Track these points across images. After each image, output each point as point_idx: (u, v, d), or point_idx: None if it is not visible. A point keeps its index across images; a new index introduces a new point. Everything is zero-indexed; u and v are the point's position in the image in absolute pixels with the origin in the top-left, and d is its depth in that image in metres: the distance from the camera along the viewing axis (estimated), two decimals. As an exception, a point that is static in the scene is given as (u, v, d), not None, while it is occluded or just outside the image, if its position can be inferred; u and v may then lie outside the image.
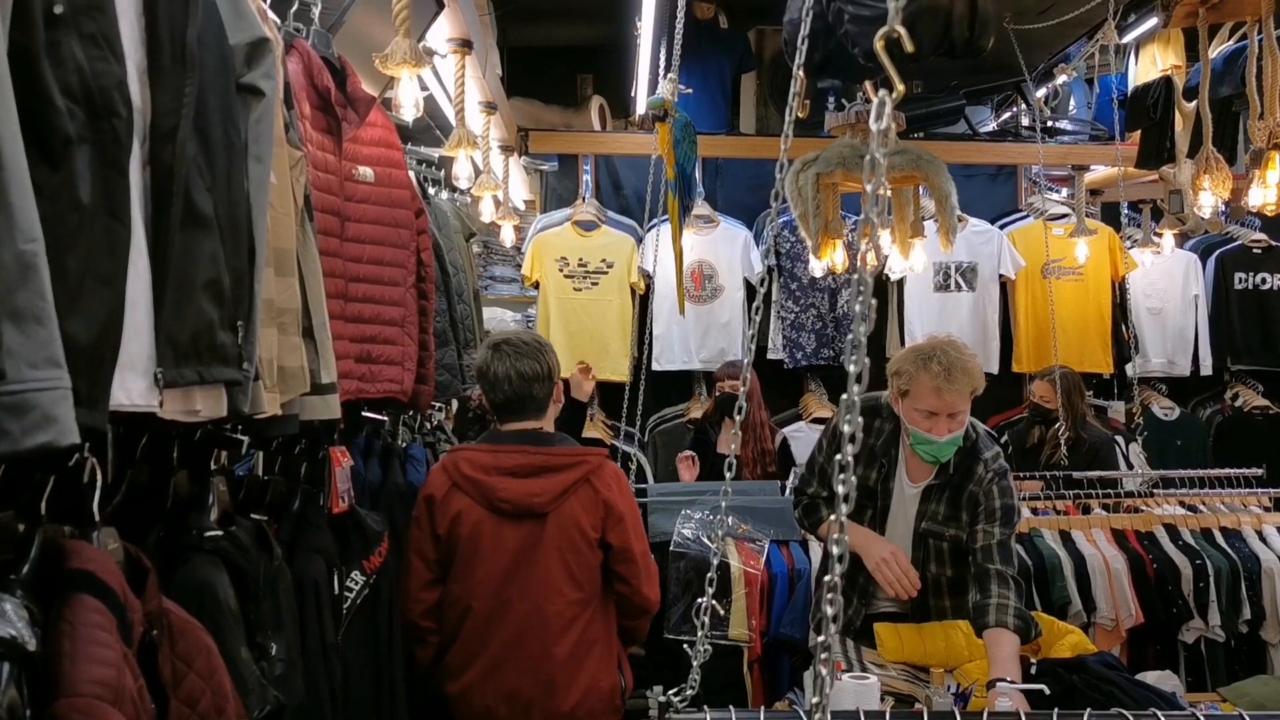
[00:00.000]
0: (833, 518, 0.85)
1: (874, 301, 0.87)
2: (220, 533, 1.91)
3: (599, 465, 2.95)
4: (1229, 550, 4.18)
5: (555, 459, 2.91)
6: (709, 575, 1.48)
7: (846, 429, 0.84)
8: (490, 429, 3.08)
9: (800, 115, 1.43)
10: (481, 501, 2.87)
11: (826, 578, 0.85)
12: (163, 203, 1.47)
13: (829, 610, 0.83)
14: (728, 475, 1.50)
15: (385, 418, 3.34)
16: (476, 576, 2.88)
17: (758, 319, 1.44)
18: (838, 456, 0.87)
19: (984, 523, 2.93)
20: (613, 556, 2.92)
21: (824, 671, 0.82)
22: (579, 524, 2.88)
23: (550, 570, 2.86)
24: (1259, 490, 4.51)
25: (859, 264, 0.84)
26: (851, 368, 0.83)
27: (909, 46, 0.86)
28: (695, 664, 1.44)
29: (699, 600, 1.50)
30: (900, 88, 0.86)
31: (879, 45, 0.88)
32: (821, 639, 0.83)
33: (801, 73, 1.39)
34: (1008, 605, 2.77)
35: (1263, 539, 4.25)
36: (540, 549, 2.87)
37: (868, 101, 3.85)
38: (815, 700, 0.82)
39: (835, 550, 0.85)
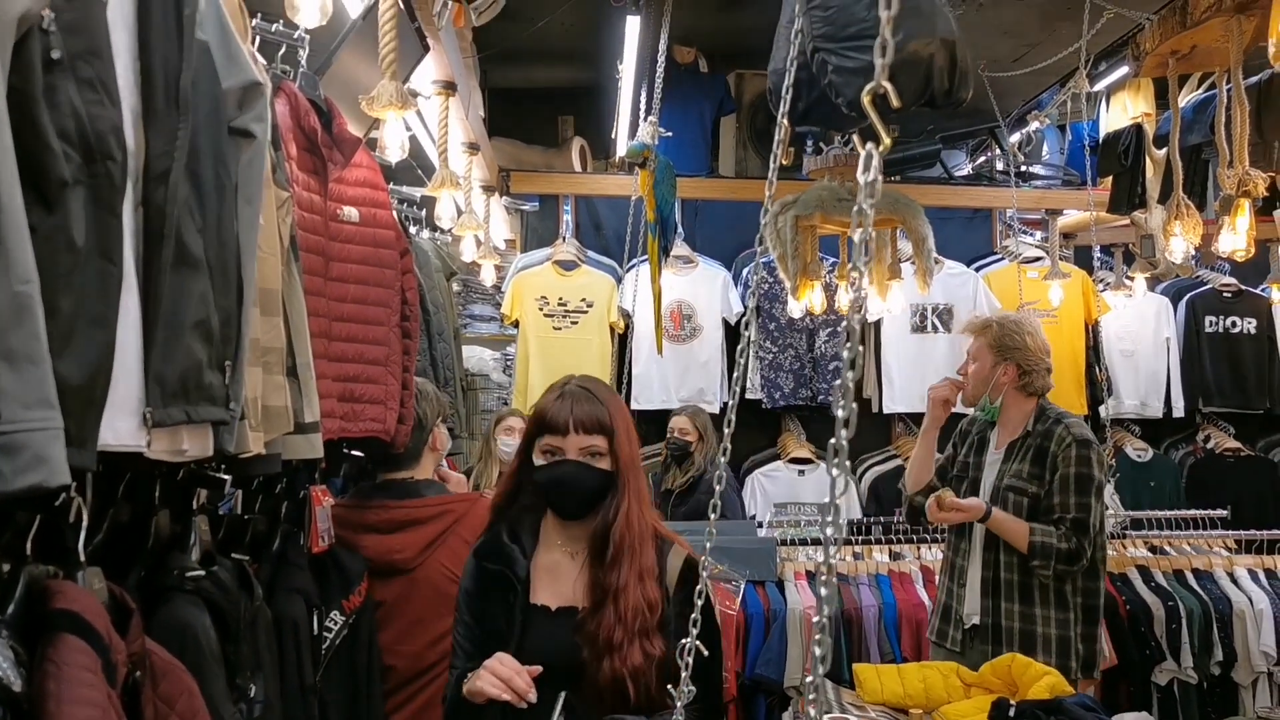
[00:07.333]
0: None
1: (860, 348, 0.89)
2: (202, 573, 1.90)
3: (466, 512, 2.82)
4: (1201, 592, 4.22)
5: (418, 512, 2.79)
6: (693, 616, 1.49)
7: (835, 472, 0.86)
8: (366, 483, 2.96)
9: (785, 162, 1.47)
10: None
11: (815, 619, 0.87)
12: (154, 244, 1.49)
13: (818, 651, 0.85)
14: (712, 516, 1.51)
15: (364, 455, 3.32)
16: None
17: (743, 362, 1.46)
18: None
19: (1059, 494, 3.21)
20: None
21: (813, 713, 0.83)
22: (447, 577, 2.73)
23: (423, 626, 2.75)
24: (1229, 532, 4.56)
25: (849, 313, 0.87)
26: (840, 412, 0.85)
27: (895, 102, 0.89)
28: (679, 704, 1.44)
29: (682, 641, 1.50)
30: (887, 141, 0.88)
31: (865, 99, 0.90)
32: (810, 680, 0.85)
33: (786, 121, 1.42)
34: (1042, 530, 3.17)
35: (1234, 580, 4.30)
36: (409, 606, 2.76)
37: (845, 145, 3.91)
38: (804, 741, 0.84)
39: (824, 591, 0.86)
